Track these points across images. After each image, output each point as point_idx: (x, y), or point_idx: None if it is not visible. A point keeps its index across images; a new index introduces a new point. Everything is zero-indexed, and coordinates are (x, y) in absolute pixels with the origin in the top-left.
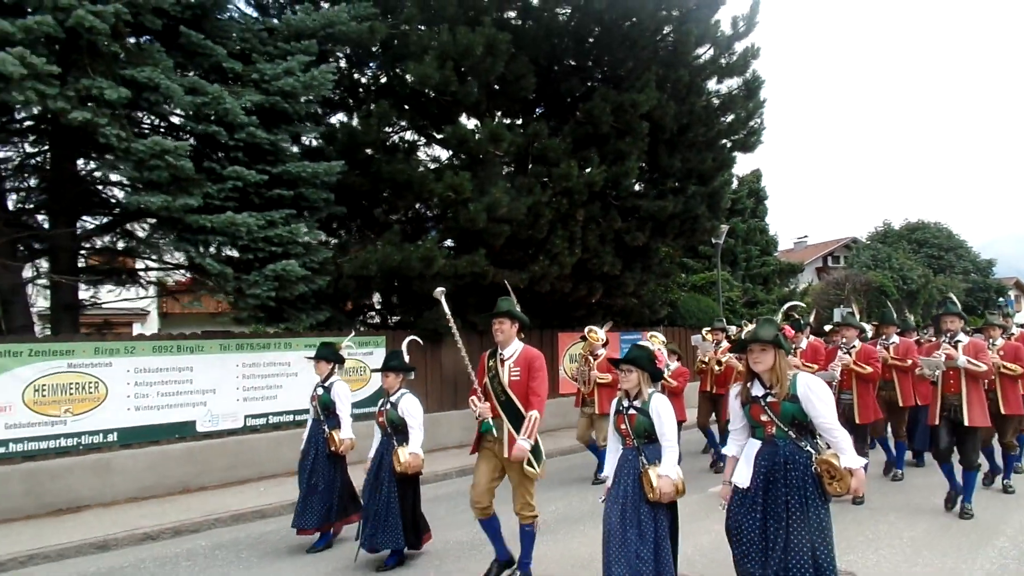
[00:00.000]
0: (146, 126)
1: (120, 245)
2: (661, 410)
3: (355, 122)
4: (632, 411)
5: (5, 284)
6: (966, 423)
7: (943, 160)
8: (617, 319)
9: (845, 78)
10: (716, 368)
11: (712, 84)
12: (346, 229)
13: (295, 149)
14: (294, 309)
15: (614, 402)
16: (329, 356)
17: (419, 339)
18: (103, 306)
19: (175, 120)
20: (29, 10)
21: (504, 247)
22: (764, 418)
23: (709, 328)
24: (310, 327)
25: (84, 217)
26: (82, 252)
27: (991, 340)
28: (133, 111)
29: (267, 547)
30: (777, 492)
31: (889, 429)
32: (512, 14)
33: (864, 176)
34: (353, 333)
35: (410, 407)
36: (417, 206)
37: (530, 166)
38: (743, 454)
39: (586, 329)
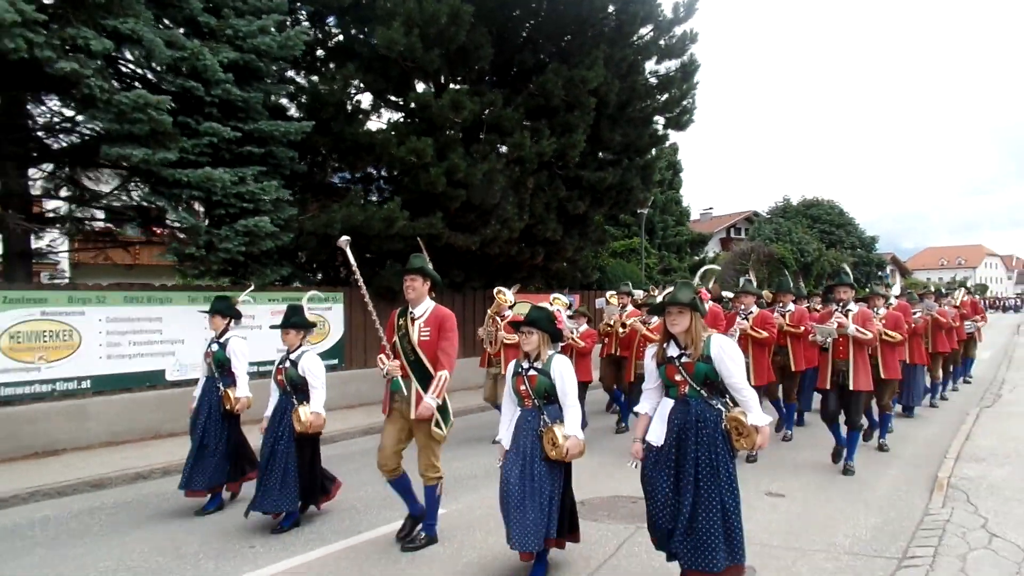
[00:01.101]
0: (124, 78)
1: (64, 193)
2: (563, 371)
3: (317, 81)
4: (532, 372)
5: None
6: (851, 387)
7: (836, 142)
8: (552, 282)
9: (751, 59)
10: (620, 331)
11: (651, 64)
12: (305, 187)
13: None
14: (259, 264)
15: (511, 364)
16: (225, 310)
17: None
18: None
19: (149, 74)
20: None
21: (458, 211)
22: (678, 378)
23: (613, 292)
24: (273, 282)
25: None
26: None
27: (875, 309)
28: (112, 63)
29: (151, 509)
30: (687, 448)
31: (781, 391)
32: None
33: (765, 153)
34: (252, 288)
35: (312, 366)
36: (371, 168)
37: (482, 135)
38: (656, 413)
39: (494, 290)
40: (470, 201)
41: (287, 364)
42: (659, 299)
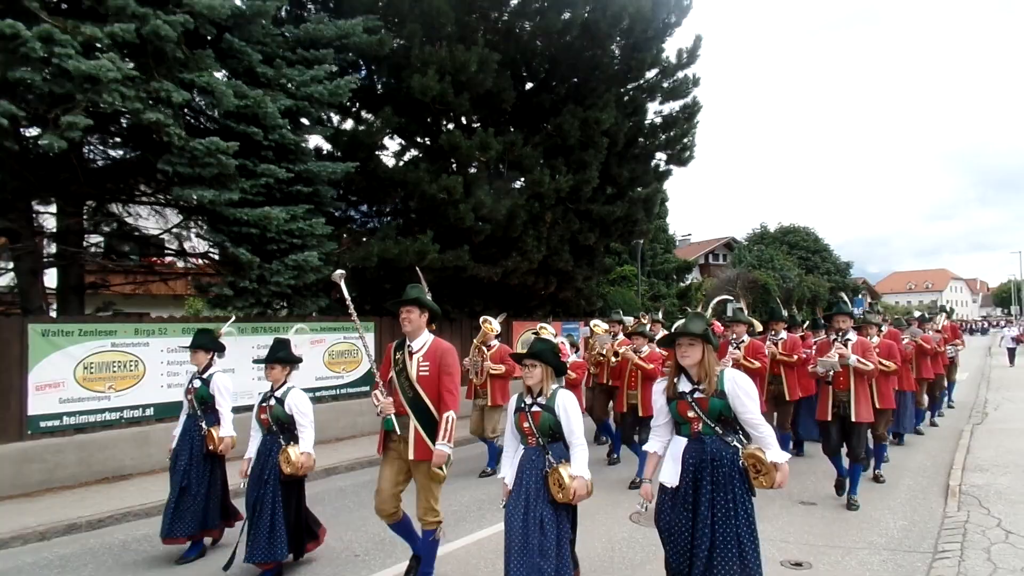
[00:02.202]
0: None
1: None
2: (568, 407)
3: (351, 125)
4: (536, 408)
5: (24, 267)
6: (854, 419)
7: (802, 167)
8: (558, 309)
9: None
10: (613, 360)
11: (655, 105)
12: (338, 222)
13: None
14: (300, 296)
15: (514, 399)
16: (208, 344)
17: (307, 328)
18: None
19: (202, 120)
20: (100, 12)
21: (482, 243)
22: (691, 414)
23: (597, 321)
24: (314, 313)
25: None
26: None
27: (869, 337)
28: (185, 111)
29: (135, 554)
30: (703, 488)
31: (775, 421)
32: (493, 37)
33: (736, 179)
34: (233, 319)
35: (299, 403)
36: (398, 204)
37: (504, 171)
38: (669, 452)
39: (480, 319)
40: (493, 234)
41: (272, 402)
42: (669, 329)
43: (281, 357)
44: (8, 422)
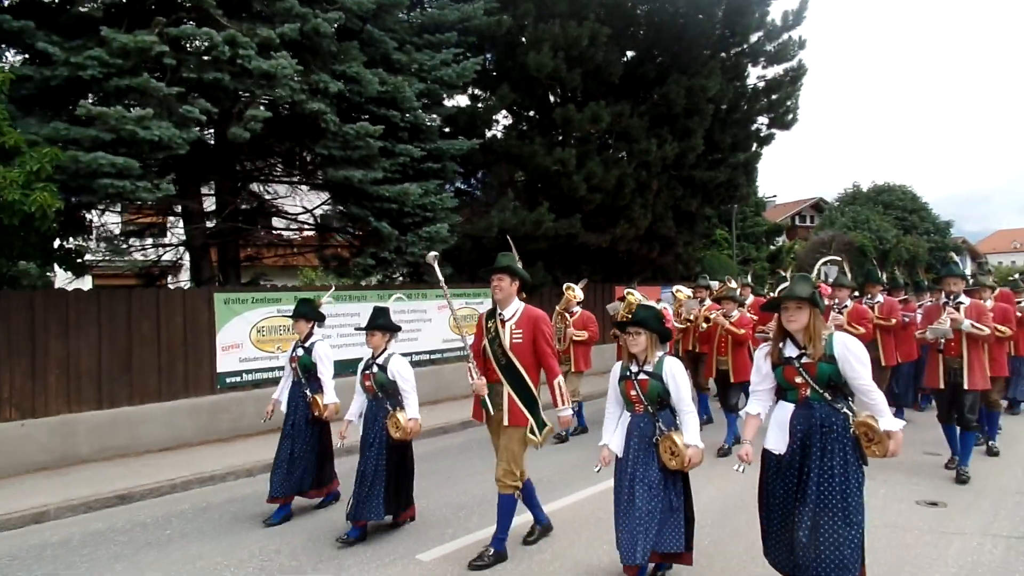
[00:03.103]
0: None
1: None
2: (676, 374)
3: (466, 103)
4: (643, 376)
5: (197, 242)
6: (966, 387)
7: (887, 121)
8: (658, 274)
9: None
10: (703, 325)
11: (758, 69)
12: (461, 194)
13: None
14: (421, 264)
15: (617, 367)
16: (309, 314)
17: (404, 297)
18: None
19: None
20: (266, 13)
21: (591, 212)
22: (799, 380)
23: (679, 287)
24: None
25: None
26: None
27: (983, 300)
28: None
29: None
30: (812, 456)
31: None
32: (600, 11)
33: (820, 136)
34: (333, 289)
35: (401, 369)
36: (514, 176)
37: (611, 142)
38: (774, 418)
39: (564, 286)
40: (603, 203)
41: (375, 369)
42: (760, 294)
43: (380, 324)
44: (203, 379)
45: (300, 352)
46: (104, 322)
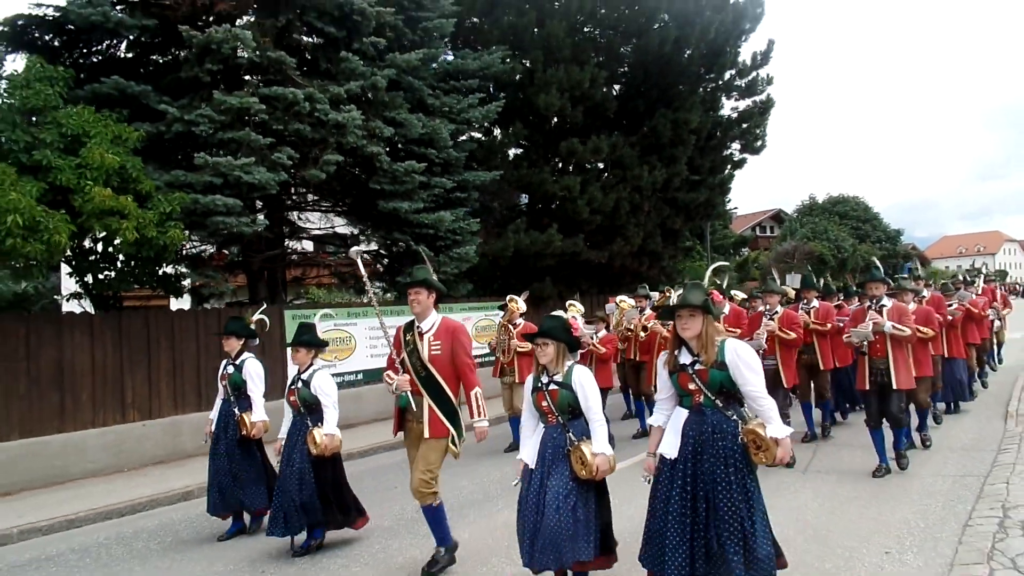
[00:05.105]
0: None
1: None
2: (584, 382)
3: (486, 138)
4: (553, 386)
5: (255, 265)
6: (894, 386)
7: (840, 132)
8: (644, 285)
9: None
10: (641, 335)
11: (731, 102)
12: (480, 219)
13: None
14: (454, 282)
15: (530, 379)
16: (240, 331)
17: (333, 314)
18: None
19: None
20: (333, 72)
21: (592, 232)
22: (692, 386)
23: (624, 297)
24: (463, 295)
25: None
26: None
27: (906, 303)
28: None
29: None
30: (703, 462)
31: (813, 392)
32: (599, 56)
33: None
34: (263, 306)
35: (324, 385)
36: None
37: (607, 170)
38: (670, 424)
39: (507, 298)
40: (601, 224)
41: (299, 385)
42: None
43: (306, 340)
44: (275, 385)
45: (231, 370)
46: (201, 336)
